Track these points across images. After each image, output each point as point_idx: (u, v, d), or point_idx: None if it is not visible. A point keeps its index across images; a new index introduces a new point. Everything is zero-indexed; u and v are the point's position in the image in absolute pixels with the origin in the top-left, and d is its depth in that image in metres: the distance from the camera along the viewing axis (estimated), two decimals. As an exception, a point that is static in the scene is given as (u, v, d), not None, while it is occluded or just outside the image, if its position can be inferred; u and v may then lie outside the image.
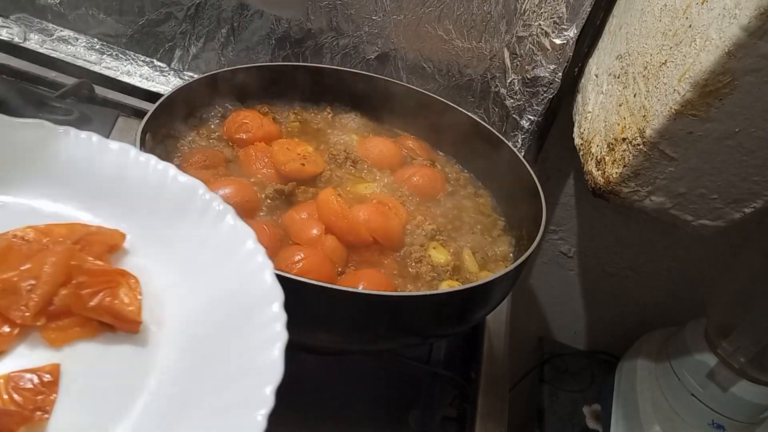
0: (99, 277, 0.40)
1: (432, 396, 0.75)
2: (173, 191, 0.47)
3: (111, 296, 0.39)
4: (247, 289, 0.41)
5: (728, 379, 0.79)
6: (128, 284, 0.41)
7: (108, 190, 0.48)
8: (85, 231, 0.44)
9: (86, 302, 0.39)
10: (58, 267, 0.39)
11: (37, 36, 1.00)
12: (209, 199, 0.46)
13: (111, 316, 0.39)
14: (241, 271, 0.42)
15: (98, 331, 0.39)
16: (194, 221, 0.46)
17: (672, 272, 1.05)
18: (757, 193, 0.62)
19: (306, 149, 0.74)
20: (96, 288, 0.39)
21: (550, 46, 0.85)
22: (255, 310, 0.40)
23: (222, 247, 0.44)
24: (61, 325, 0.39)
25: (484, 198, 0.80)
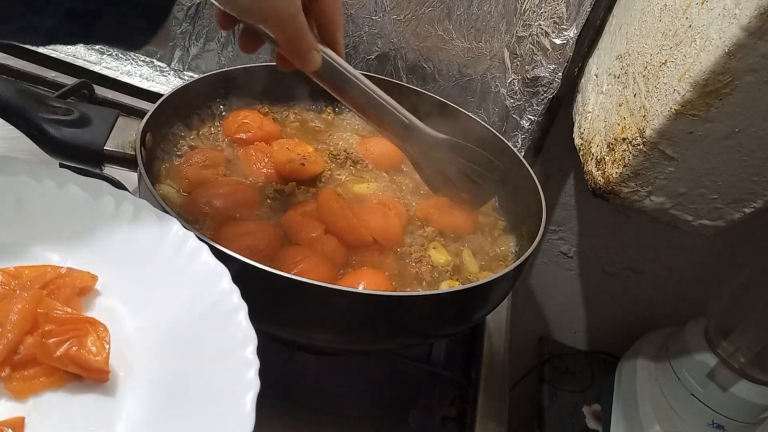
0: (66, 326, 0.39)
1: (432, 396, 0.75)
2: (147, 228, 0.47)
3: (78, 345, 0.38)
4: (220, 332, 0.40)
5: (728, 379, 0.79)
6: (96, 332, 0.40)
7: (79, 227, 0.47)
8: (54, 274, 0.42)
9: (52, 352, 0.37)
10: (24, 314, 0.38)
11: (37, 36, 1.00)
12: (183, 236, 0.46)
13: (78, 366, 0.38)
14: (215, 313, 0.41)
15: (65, 381, 0.38)
16: (168, 259, 0.45)
17: (672, 272, 1.05)
18: (757, 193, 0.62)
19: (306, 149, 0.74)
20: (63, 336, 0.38)
21: (550, 46, 0.85)
22: (228, 353, 0.39)
23: (196, 286, 0.43)
24: (26, 375, 0.37)
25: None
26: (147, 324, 0.42)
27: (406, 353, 0.75)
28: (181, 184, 0.66)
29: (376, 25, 0.91)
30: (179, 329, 0.42)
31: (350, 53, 0.94)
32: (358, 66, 0.94)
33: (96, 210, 0.47)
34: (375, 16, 0.90)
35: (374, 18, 0.91)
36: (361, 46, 0.93)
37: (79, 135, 0.60)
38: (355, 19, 0.91)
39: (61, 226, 0.47)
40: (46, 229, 0.46)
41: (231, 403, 0.36)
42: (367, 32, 0.92)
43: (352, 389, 0.74)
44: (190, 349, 0.40)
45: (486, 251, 0.71)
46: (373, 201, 0.70)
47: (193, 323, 0.42)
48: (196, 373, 0.39)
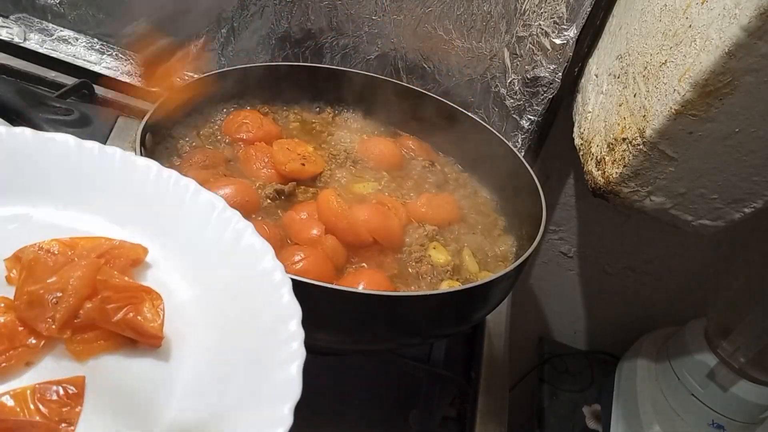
0: (123, 293, 0.40)
1: (432, 396, 0.75)
2: (193, 207, 0.49)
3: (135, 312, 0.40)
4: (265, 306, 0.42)
5: (728, 379, 0.79)
6: (151, 301, 0.41)
7: (130, 204, 0.49)
8: (108, 245, 0.44)
9: (111, 317, 0.39)
10: (84, 281, 0.40)
11: (37, 36, 1.00)
12: (229, 216, 0.47)
13: (134, 331, 0.39)
14: (259, 288, 0.43)
15: (122, 345, 0.40)
16: (214, 237, 0.47)
17: (672, 272, 1.05)
18: (757, 193, 0.62)
19: (306, 149, 0.74)
20: (120, 303, 0.40)
21: (550, 46, 0.85)
22: (273, 326, 0.40)
23: (241, 263, 0.45)
24: (86, 338, 0.39)
25: (484, 198, 0.80)
26: (196, 296, 0.44)
27: (406, 353, 0.75)
28: (181, 184, 0.66)
29: (376, 25, 0.91)
30: (227, 302, 0.43)
31: (350, 53, 0.94)
32: (358, 66, 0.94)
33: (147, 187, 0.49)
34: (375, 16, 0.90)
35: (374, 18, 0.91)
36: (361, 46, 0.93)
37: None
38: (355, 19, 0.91)
39: (114, 201, 0.49)
40: (100, 203, 0.48)
41: (278, 372, 0.38)
42: (367, 32, 0.92)
43: (352, 389, 0.74)
44: (238, 321, 0.42)
45: (486, 251, 0.71)
46: (373, 201, 0.70)
47: (239, 297, 0.43)
48: (244, 343, 0.40)
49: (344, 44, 0.93)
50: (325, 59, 0.95)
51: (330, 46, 0.94)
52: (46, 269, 0.40)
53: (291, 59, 0.96)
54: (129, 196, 0.49)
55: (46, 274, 0.40)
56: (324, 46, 0.94)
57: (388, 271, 0.63)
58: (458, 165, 0.85)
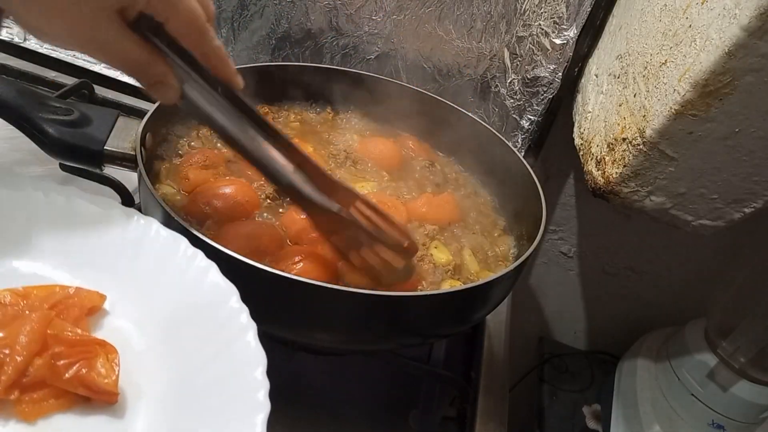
0: (76, 347, 0.39)
1: (432, 396, 0.75)
2: (156, 246, 0.47)
3: (87, 367, 0.38)
4: (230, 352, 0.40)
5: (728, 379, 0.79)
6: (106, 354, 0.39)
7: (88, 245, 0.47)
8: (62, 294, 0.42)
9: (62, 374, 0.37)
10: (33, 336, 0.38)
11: (37, 36, 1.00)
12: (192, 255, 0.46)
13: (87, 389, 0.38)
14: (223, 333, 0.41)
15: (74, 403, 0.38)
16: (176, 277, 0.45)
17: (672, 272, 1.05)
18: (757, 193, 0.62)
19: (307, 150, 0.74)
20: (72, 358, 0.38)
21: (550, 46, 0.85)
22: (238, 374, 0.39)
23: (204, 305, 0.43)
24: (35, 398, 0.37)
25: (484, 198, 0.80)
26: (156, 343, 0.42)
27: (406, 353, 0.75)
28: (181, 184, 0.66)
29: (376, 25, 0.91)
30: (189, 349, 0.41)
31: (350, 53, 0.94)
32: (358, 66, 0.94)
33: (104, 228, 0.48)
34: (375, 16, 0.90)
35: (374, 18, 0.91)
36: (361, 46, 0.93)
37: (79, 135, 0.60)
38: (355, 19, 0.91)
39: (69, 244, 0.47)
40: (54, 247, 0.46)
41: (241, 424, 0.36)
42: (367, 32, 0.92)
43: (352, 389, 0.74)
44: (200, 369, 0.40)
45: (486, 251, 0.70)
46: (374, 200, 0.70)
47: (202, 343, 0.41)
48: (206, 394, 0.39)
49: (344, 44, 0.93)
50: (325, 59, 0.95)
51: (330, 46, 0.94)
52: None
53: (291, 59, 0.96)
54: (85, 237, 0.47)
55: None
56: (324, 46, 0.94)
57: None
58: (458, 165, 0.85)
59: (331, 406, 0.70)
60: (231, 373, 0.39)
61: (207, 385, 0.39)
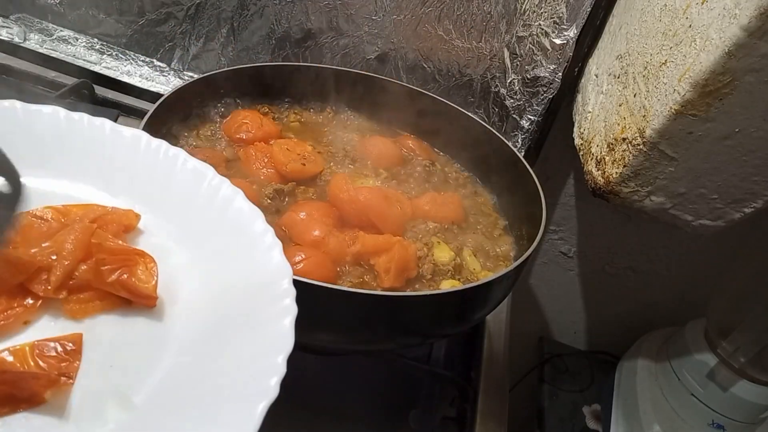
0: (118, 255, 0.42)
1: (432, 396, 0.75)
2: (184, 175, 0.50)
3: (129, 273, 0.41)
4: (257, 267, 0.43)
5: (728, 379, 0.79)
6: (145, 263, 0.42)
7: (121, 174, 0.50)
8: (101, 211, 0.45)
9: (105, 278, 0.40)
10: (78, 244, 0.41)
11: (37, 36, 1.00)
12: (218, 183, 0.49)
13: (129, 292, 0.41)
14: (250, 251, 0.44)
15: (117, 305, 0.41)
16: (204, 204, 0.48)
17: (672, 272, 1.05)
18: (757, 193, 0.62)
19: (306, 149, 0.74)
20: (115, 265, 0.41)
21: (550, 46, 0.85)
22: (265, 286, 0.41)
23: (232, 228, 0.46)
24: (81, 299, 0.40)
25: (485, 198, 0.80)
26: (189, 259, 0.45)
27: (406, 353, 0.75)
28: (181, 184, 0.66)
29: (376, 25, 0.91)
30: (219, 264, 0.44)
31: (350, 53, 0.94)
32: (358, 66, 0.94)
33: (137, 156, 0.50)
34: (375, 16, 0.90)
35: (374, 18, 0.91)
36: (361, 46, 0.93)
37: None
38: (355, 19, 0.91)
39: (106, 169, 0.49)
40: (91, 172, 0.49)
41: (271, 326, 0.38)
42: (367, 32, 0.92)
43: (352, 389, 0.74)
44: (231, 282, 0.43)
45: (486, 251, 0.71)
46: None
47: (231, 259, 0.44)
48: (237, 302, 0.42)
49: (344, 44, 0.93)
50: (325, 59, 0.95)
51: (330, 46, 0.94)
52: (41, 235, 0.42)
53: (291, 59, 0.96)
54: (119, 165, 0.50)
55: (40, 239, 0.41)
56: (324, 46, 0.94)
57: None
58: (458, 165, 0.85)
59: (331, 406, 0.70)
60: (259, 284, 0.42)
61: (238, 294, 0.42)
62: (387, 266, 0.60)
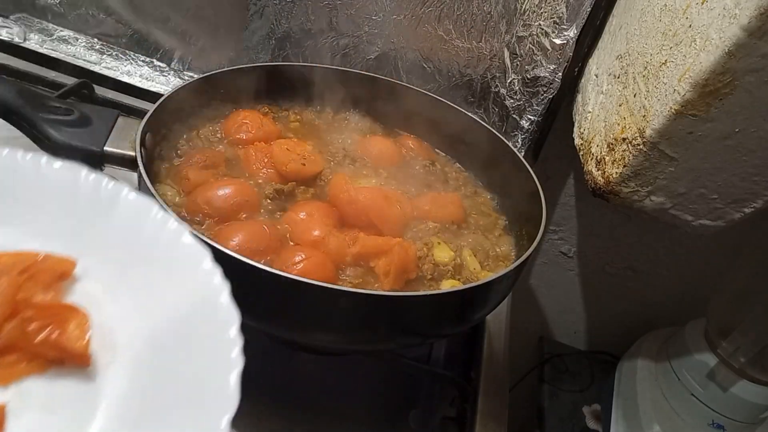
0: (46, 311, 0.38)
1: (432, 396, 0.75)
2: (126, 212, 0.46)
3: (59, 331, 0.38)
4: (203, 313, 0.40)
5: (728, 379, 0.79)
6: (77, 318, 0.39)
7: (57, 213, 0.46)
8: (31, 260, 0.42)
9: (33, 337, 0.37)
10: (3, 300, 0.38)
11: (37, 36, 1.00)
12: (163, 218, 0.45)
13: (59, 352, 0.37)
14: (197, 294, 0.41)
15: (47, 367, 0.38)
16: (148, 242, 0.45)
17: (672, 272, 1.05)
18: (757, 193, 0.62)
19: (306, 149, 0.74)
20: (43, 322, 0.38)
21: (550, 46, 0.85)
22: (211, 335, 0.38)
23: (177, 268, 0.43)
24: (7, 362, 0.37)
25: (484, 198, 0.80)
26: (128, 307, 0.42)
27: (406, 353, 0.75)
28: (181, 184, 0.66)
29: (376, 25, 0.91)
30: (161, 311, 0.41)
31: (350, 53, 0.94)
32: (358, 66, 0.94)
33: (73, 193, 0.47)
34: (375, 16, 0.90)
35: (374, 18, 0.91)
36: (361, 46, 0.93)
37: (79, 135, 0.60)
38: (355, 19, 0.91)
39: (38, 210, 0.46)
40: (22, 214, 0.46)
41: (215, 382, 0.36)
42: (367, 32, 0.92)
43: (352, 389, 0.74)
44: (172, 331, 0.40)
45: (486, 251, 0.70)
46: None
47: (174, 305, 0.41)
48: (178, 354, 0.39)
49: (344, 44, 0.93)
50: (325, 59, 0.95)
51: (330, 46, 0.94)
52: None
53: (291, 59, 0.96)
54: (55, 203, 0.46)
55: None
56: (324, 46, 0.94)
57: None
58: (458, 165, 0.85)
59: (331, 406, 0.70)
60: (205, 333, 0.39)
61: (180, 346, 0.39)
62: (386, 269, 0.60)
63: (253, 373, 0.38)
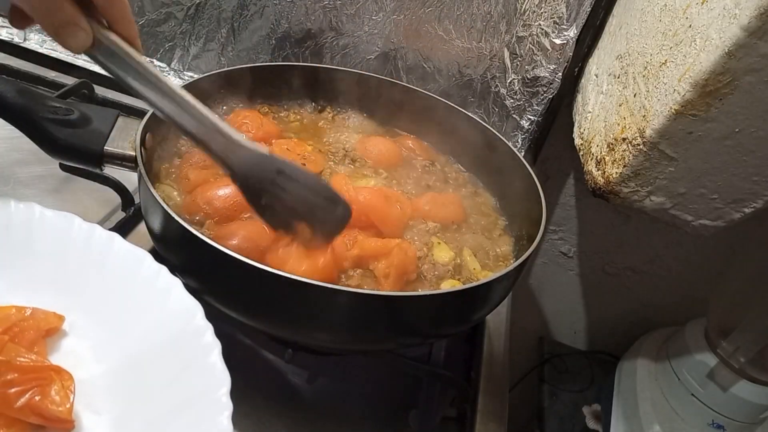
0: (29, 374, 0.37)
1: (432, 396, 0.75)
2: (118, 263, 0.45)
3: (41, 395, 0.36)
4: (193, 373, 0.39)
5: (728, 379, 0.79)
6: (61, 380, 0.38)
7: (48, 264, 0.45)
8: (17, 317, 0.41)
9: (14, 402, 0.36)
10: None
11: (37, 36, 1.00)
12: (156, 271, 0.45)
13: (40, 417, 0.36)
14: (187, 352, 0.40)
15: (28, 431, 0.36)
16: (140, 294, 0.44)
17: (672, 272, 1.05)
18: (757, 193, 0.62)
19: (306, 149, 0.74)
20: (25, 386, 0.36)
21: (550, 46, 0.85)
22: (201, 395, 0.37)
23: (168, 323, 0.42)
24: None
25: (485, 198, 0.80)
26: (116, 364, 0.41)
27: (406, 353, 0.75)
28: (181, 184, 0.66)
29: (376, 25, 0.91)
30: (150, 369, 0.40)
31: (350, 53, 0.94)
32: (358, 66, 0.94)
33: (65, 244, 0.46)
34: (375, 16, 0.90)
35: (374, 18, 0.91)
36: (361, 46, 0.93)
37: (79, 135, 0.60)
38: (355, 19, 0.91)
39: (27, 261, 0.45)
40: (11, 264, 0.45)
41: None
42: (367, 32, 0.92)
43: (352, 389, 0.74)
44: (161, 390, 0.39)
45: (486, 251, 0.70)
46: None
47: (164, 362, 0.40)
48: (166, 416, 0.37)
49: (344, 44, 0.93)
50: (325, 59, 0.95)
51: (330, 46, 0.94)
52: None
53: (291, 59, 0.96)
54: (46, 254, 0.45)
55: None
56: (324, 46, 0.94)
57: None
58: (458, 165, 0.85)
59: (331, 406, 0.70)
60: (194, 394, 0.38)
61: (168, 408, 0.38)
62: (386, 271, 0.60)
63: (254, 373, 0.38)
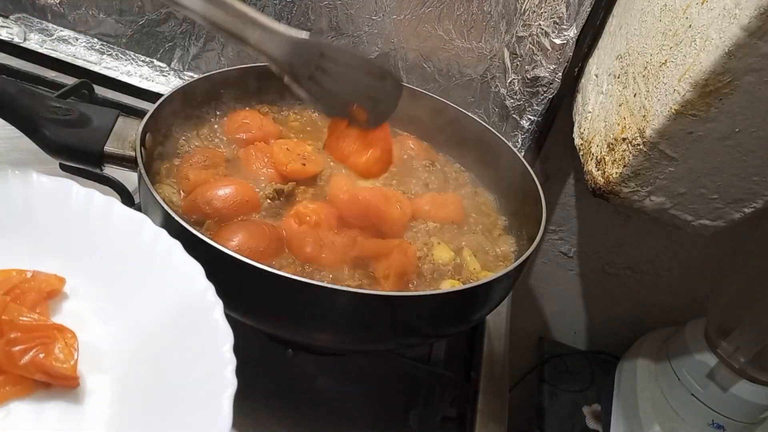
0: (32, 333, 0.37)
1: (432, 396, 0.75)
2: (118, 228, 0.45)
3: (45, 352, 0.37)
4: (196, 330, 0.39)
5: (728, 379, 0.79)
6: (64, 339, 0.38)
7: (48, 229, 0.45)
8: (19, 278, 0.41)
9: (18, 360, 0.36)
10: None
11: (37, 36, 1.00)
12: (156, 234, 0.45)
13: (45, 374, 0.36)
14: (190, 311, 0.40)
15: (33, 389, 0.37)
16: (140, 259, 0.44)
17: (672, 272, 1.05)
18: (757, 193, 0.62)
19: (306, 149, 0.74)
20: (29, 344, 0.37)
21: (550, 46, 0.85)
22: (204, 353, 0.38)
23: (169, 284, 0.42)
24: None
25: (485, 198, 0.80)
26: (118, 326, 0.41)
27: (406, 353, 0.75)
28: (181, 184, 0.66)
29: (376, 25, 0.91)
30: (152, 330, 0.40)
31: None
32: (358, 66, 0.94)
33: (64, 210, 0.46)
34: (375, 16, 0.90)
35: (374, 18, 0.91)
36: (361, 46, 0.93)
37: (79, 135, 0.60)
38: (355, 19, 0.91)
39: (27, 227, 0.45)
40: (11, 231, 0.45)
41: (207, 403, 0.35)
42: (367, 32, 0.92)
43: (352, 389, 0.74)
44: (164, 349, 0.39)
45: (486, 251, 0.71)
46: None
47: (167, 323, 0.40)
48: (170, 374, 0.38)
49: (344, 44, 0.93)
50: (325, 59, 0.95)
51: (330, 46, 0.94)
52: None
53: (291, 59, 0.96)
54: (46, 220, 0.45)
55: None
56: (324, 46, 0.94)
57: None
58: (458, 165, 0.85)
59: (331, 406, 0.70)
60: (197, 352, 0.38)
61: (172, 365, 0.38)
62: (386, 272, 0.60)
63: (253, 373, 0.38)
